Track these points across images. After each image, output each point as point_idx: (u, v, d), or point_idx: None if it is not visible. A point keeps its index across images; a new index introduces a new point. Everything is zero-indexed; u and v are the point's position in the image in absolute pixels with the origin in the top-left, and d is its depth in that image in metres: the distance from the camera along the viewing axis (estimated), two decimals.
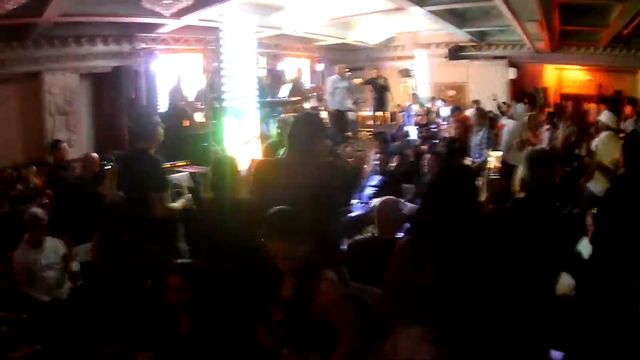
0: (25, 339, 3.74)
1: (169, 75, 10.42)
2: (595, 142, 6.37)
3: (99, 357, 3.20)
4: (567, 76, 16.14)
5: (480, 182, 3.95)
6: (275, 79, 11.96)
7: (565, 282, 3.32)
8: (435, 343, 2.29)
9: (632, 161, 3.93)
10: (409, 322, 2.38)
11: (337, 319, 2.47)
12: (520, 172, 2.91)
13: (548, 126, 9.71)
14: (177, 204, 4.38)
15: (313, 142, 3.24)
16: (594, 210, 3.95)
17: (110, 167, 6.77)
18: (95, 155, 6.74)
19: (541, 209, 2.79)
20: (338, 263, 3.39)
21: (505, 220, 2.80)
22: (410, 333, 2.35)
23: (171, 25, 9.72)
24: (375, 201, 3.89)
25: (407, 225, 4.85)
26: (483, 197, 3.44)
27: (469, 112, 10.43)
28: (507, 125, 8.52)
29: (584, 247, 3.69)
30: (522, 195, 2.87)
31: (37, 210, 4.79)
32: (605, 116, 6.79)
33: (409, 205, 6.46)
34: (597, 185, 5.95)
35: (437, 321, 2.31)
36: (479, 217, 2.58)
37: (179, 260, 3.29)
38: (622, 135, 7.12)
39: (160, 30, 10.08)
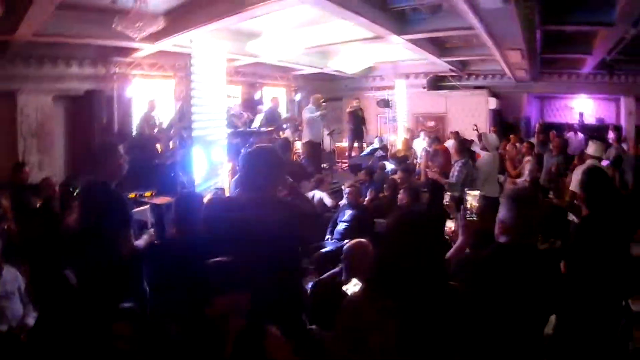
0: None
1: (143, 100, 10.15)
2: (577, 173, 6.19)
3: None
4: (549, 105, 16.15)
5: (452, 224, 3.68)
6: (250, 108, 11.75)
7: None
8: None
9: (593, 200, 3.70)
10: None
11: None
12: (500, 212, 2.63)
13: (529, 157, 9.57)
14: (141, 241, 3.95)
15: (267, 179, 2.98)
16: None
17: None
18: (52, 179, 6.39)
19: (525, 254, 2.51)
20: (299, 308, 3.14)
21: (486, 269, 2.51)
22: None
23: (146, 49, 9.47)
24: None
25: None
26: (459, 240, 3.12)
27: (448, 144, 10.23)
28: (482, 156, 8.20)
29: None
30: (503, 239, 2.58)
31: None
32: (591, 148, 6.65)
33: None
34: None
35: None
36: (444, 272, 2.27)
37: (125, 305, 2.94)
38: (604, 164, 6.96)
39: (136, 54, 9.83)
